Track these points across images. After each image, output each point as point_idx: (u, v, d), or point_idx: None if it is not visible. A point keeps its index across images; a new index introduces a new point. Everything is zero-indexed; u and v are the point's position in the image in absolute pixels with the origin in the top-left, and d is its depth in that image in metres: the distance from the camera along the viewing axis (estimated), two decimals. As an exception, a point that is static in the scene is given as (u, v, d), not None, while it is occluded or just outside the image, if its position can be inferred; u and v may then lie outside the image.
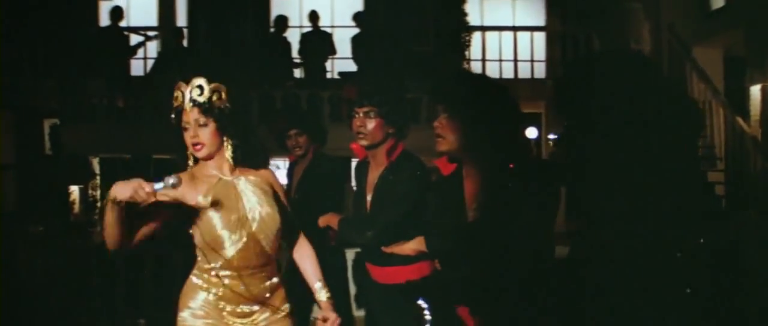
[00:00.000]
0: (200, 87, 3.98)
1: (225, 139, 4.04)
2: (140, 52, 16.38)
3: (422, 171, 5.03)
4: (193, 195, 3.97)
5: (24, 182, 15.95)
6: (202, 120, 3.96)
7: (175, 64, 14.75)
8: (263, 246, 4.06)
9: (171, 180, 3.53)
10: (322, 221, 5.46)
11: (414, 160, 5.10)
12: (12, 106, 15.90)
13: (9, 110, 15.79)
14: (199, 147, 3.99)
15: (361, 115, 5.07)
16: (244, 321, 4.06)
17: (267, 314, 4.12)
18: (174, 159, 4.25)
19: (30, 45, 16.73)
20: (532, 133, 17.61)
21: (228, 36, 15.86)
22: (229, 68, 14.73)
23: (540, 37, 18.08)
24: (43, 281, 8.80)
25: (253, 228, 4.04)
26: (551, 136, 16.99)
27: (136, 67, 16.96)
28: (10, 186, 16.06)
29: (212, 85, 4.00)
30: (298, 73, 16.42)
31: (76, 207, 15.15)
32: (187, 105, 3.97)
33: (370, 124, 5.05)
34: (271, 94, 14.63)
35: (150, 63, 16.76)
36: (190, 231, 4.05)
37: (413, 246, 4.42)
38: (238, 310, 4.05)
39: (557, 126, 15.63)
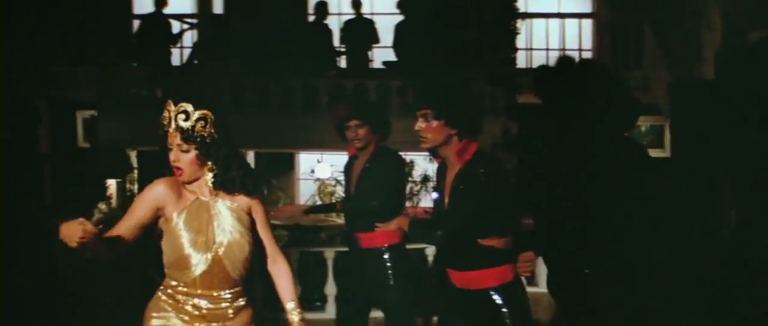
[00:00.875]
0: (185, 112, 3.98)
1: (206, 165, 4.11)
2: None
3: (495, 168, 4.93)
4: (172, 209, 4.07)
5: (57, 175, 15.51)
6: (185, 146, 4.02)
7: (214, 53, 14.29)
8: (228, 271, 4.12)
9: (102, 206, 3.70)
10: (394, 224, 5.62)
11: (486, 158, 4.96)
12: (45, 95, 15.43)
13: (43, 100, 15.27)
14: (179, 172, 4.07)
15: (419, 118, 4.99)
16: None
17: None
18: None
19: (64, 32, 16.29)
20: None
21: (266, 23, 15.30)
22: (267, 56, 14.17)
23: (588, 25, 17.30)
24: (79, 277, 8.68)
25: (220, 253, 4.12)
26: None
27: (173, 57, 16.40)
28: (44, 178, 15.74)
29: (199, 113, 3.99)
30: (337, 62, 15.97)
31: (114, 202, 14.69)
32: (172, 127, 4.02)
33: (429, 127, 4.95)
34: (313, 84, 14.04)
35: (187, 52, 16.25)
36: (161, 244, 4.15)
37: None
38: None
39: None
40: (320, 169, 16.38)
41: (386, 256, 6.73)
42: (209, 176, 4.11)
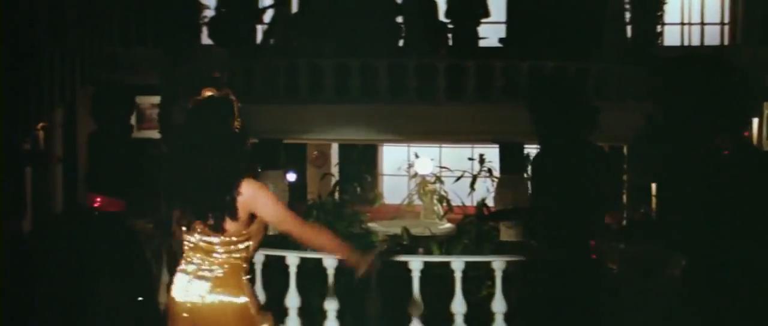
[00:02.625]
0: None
1: None
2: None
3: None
4: None
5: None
6: None
7: (303, 31, 12.47)
8: None
9: None
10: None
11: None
12: (96, 79, 13.47)
13: (92, 85, 13.25)
14: None
15: None
16: None
17: None
18: None
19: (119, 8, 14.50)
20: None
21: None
22: (355, 33, 12.32)
23: (727, -1, 15.40)
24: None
25: None
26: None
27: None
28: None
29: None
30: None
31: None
32: None
33: None
34: (428, 64, 11.96)
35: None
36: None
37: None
38: None
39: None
40: (420, 165, 14.32)
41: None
42: None
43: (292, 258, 8.21)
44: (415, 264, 8.33)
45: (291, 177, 14.61)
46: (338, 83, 11.74)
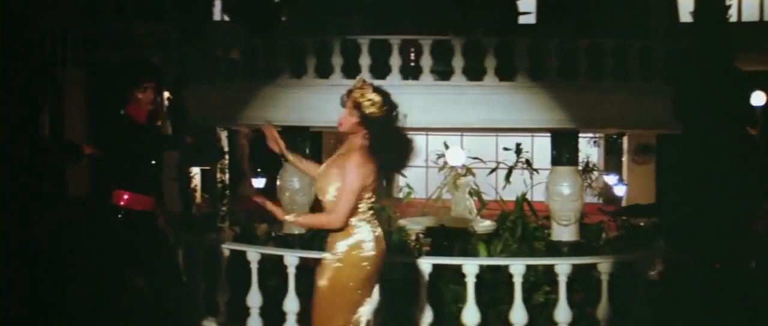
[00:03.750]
0: (352, 90, 5.10)
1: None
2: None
3: None
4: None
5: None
6: (349, 109, 5.06)
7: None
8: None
9: None
10: None
11: None
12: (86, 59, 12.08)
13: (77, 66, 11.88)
14: (339, 124, 5.12)
15: None
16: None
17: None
18: None
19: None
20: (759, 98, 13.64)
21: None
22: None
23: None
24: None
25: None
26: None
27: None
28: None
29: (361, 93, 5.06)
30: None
31: (198, 196, 11.36)
32: (346, 96, 5.12)
33: None
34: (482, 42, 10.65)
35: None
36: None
37: None
38: None
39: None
40: (452, 155, 12.97)
41: None
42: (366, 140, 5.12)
43: (291, 259, 8.07)
44: (470, 268, 7.92)
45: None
46: (377, 62, 10.52)
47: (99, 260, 6.67)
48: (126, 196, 6.46)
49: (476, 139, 14.52)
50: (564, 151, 10.54)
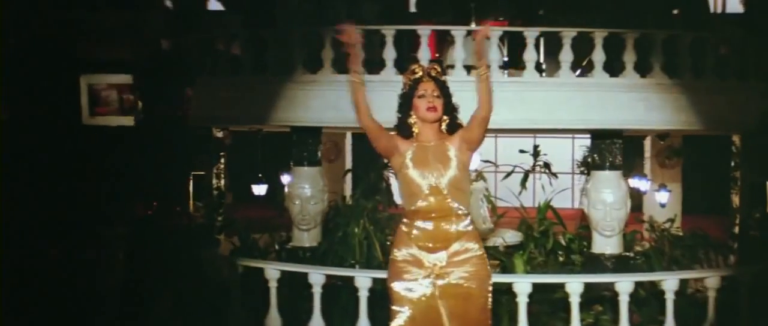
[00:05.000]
0: (436, 69, 5.18)
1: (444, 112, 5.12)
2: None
3: None
4: (403, 146, 5.13)
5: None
6: (437, 92, 5.09)
7: None
8: (448, 198, 5.03)
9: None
10: None
11: None
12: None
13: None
14: (433, 109, 5.06)
15: None
16: (435, 255, 5.05)
17: (459, 249, 5.05)
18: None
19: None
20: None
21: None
22: None
23: None
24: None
25: (441, 183, 5.07)
26: None
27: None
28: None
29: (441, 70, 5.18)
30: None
31: (191, 204, 10.22)
32: (426, 78, 5.10)
33: None
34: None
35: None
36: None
37: None
38: (429, 246, 5.07)
39: None
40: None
41: None
42: (445, 123, 5.11)
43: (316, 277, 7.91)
44: (523, 286, 7.79)
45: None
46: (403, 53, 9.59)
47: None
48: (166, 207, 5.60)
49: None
50: (607, 154, 9.59)
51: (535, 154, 11.20)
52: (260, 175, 12.71)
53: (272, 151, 13.38)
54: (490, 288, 5.07)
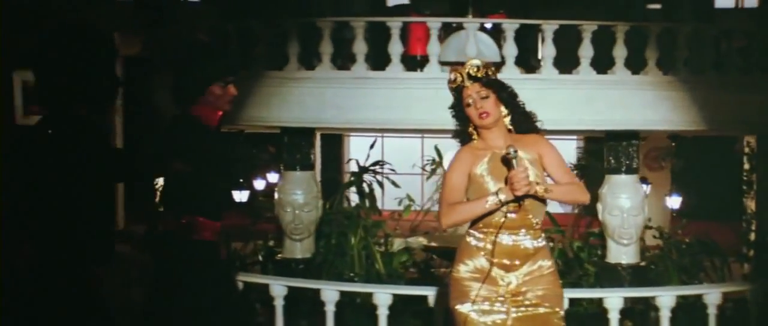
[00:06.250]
0: (476, 65, 4.58)
1: (503, 108, 4.57)
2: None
3: None
4: (472, 165, 4.55)
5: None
6: (484, 92, 4.51)
7: None
8: (526, 210, 4.49)
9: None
10: None
11: None
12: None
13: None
14: (485, 115, 4.49)
15: None
16: (511, 274, 4.53)
17: (533, 268, 4.54)
18: None
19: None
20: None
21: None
22: None
23: None
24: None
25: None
26: None
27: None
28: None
29: (485, 64, 4.61)
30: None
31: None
32: (467, 82, 4.53)
33: None
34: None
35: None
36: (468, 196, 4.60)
37: None
38: (505, 263, 4.54)
39: None
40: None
41: None
42: (507, 119, 4.57)
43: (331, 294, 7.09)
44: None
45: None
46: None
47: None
48: (197, 223, 4.78)
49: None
50: (624, 156, 9.01)
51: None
52: (241, 180, 11.89)
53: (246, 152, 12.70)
54: (564, 309, 4.72)
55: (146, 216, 9.18)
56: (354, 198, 10.67)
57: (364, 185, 10.72)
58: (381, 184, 10.79)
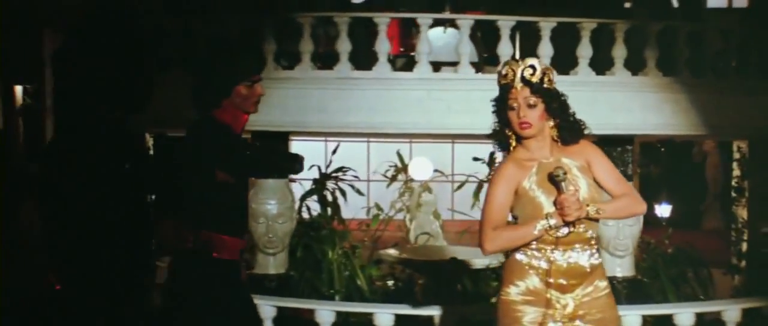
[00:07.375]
0: (532, 67, 4.15)
1: (549, 119, 4.19)
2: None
3: None
4: (519, 180, 4.22)
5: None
6: (532, 100, 4.13)
7: None
8: (582, 225, 4.18)
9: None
10: None
11: None
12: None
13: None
14: (526, 125, 4.15)
15: None
16: (567, 295, 4.17)
17: (589, 290, 4.20)
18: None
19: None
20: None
21: None
22: None
23: None
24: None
25: None
26: None
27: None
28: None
29: (543, 67, 4.18)
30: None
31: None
32: (518, 83, 4.14)
33: None
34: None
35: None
36: (511, 211, 4.28)
37: None
38: (561, 283, 4.17)
39: None
40: (417, 167, 10.87)
41: None
42: (554, 131, 4.20)
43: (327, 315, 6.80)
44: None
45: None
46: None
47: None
48: (219, 240, 4.39)
49: (428, 146, 12.41)
50: (618, 163, 8.61)
51: (491, 162, 10.19)
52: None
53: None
54: None
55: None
56: (314, 207, 10.07)
57: (327, 193, 10.15)
58: (343, 192, 10.23)
